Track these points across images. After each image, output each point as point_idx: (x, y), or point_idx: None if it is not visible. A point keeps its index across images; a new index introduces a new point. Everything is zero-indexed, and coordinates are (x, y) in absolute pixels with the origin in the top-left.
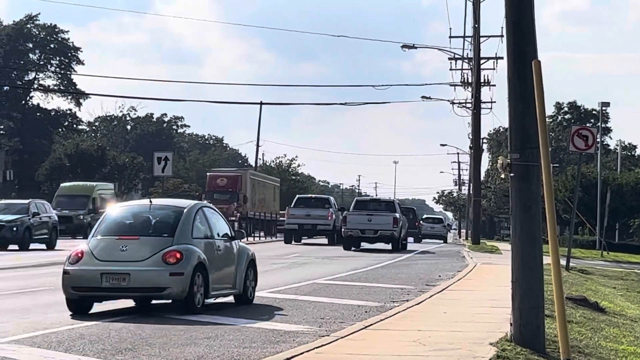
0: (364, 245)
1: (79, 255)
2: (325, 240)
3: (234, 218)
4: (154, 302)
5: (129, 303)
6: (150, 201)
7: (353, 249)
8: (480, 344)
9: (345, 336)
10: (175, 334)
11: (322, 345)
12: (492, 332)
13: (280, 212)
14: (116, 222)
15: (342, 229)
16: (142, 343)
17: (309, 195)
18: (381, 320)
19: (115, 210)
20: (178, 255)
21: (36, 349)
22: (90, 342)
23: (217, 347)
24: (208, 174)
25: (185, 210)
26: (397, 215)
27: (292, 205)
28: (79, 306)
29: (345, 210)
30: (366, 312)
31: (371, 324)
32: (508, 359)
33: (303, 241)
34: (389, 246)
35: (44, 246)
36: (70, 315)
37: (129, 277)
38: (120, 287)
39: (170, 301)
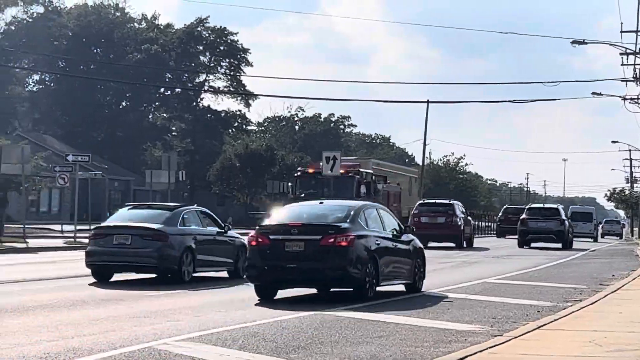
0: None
1: None
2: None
3: None
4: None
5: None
6: None
7: (526, 247)
8: None
9: (519, 336)
10: (347, 332)
11: (495, 345)
12: None
13: None
14: None
15: None
16: (314, 341)
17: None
18: (554, 320)
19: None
20: None
21: (212, 347)
22: (264, 340)
23: (389, 345)
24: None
25: None
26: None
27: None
28: None
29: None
30: (538, 311)
31: (544, 324)
32: None
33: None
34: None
35: None
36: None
37: None
38: None
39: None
